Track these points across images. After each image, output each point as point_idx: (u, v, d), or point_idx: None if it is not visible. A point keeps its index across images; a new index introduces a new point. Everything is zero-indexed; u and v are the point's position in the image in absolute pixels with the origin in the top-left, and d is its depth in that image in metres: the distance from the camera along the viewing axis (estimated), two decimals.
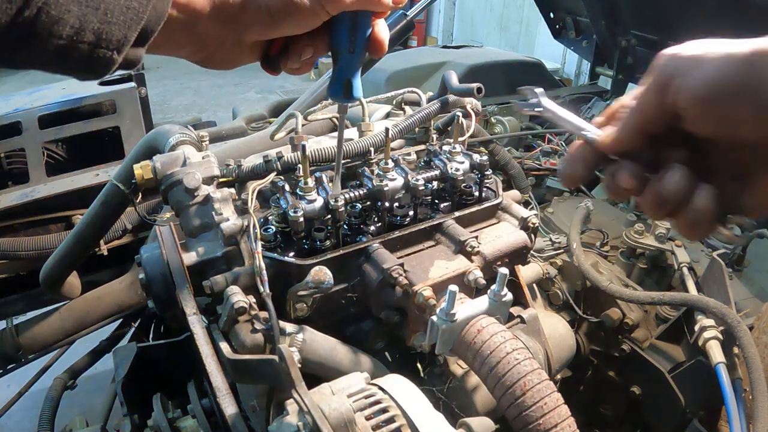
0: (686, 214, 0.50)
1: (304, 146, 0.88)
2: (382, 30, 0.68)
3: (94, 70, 0.53)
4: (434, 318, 0.85)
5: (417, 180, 0.94)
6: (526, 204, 1.67)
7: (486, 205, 1.05)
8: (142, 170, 0.93)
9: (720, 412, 1.35)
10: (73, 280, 1.54)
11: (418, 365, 1.05)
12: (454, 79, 1.25)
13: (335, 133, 1.25)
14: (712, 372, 1.20)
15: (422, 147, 1.18)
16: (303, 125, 1.28)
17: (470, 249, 0.95)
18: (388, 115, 1.36)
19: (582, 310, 1.52)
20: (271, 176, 0.96)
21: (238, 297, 0.81)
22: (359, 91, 0.72)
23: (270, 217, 0.94)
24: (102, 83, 1.79)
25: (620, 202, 2.02)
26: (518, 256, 1.05)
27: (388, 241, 0.93)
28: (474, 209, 1.03)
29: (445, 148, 1.07)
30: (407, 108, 1.36)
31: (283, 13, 0.61)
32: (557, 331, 1.29)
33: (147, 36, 0.53)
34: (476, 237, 0.97)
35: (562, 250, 1.59)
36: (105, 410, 1.56)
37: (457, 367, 1.07)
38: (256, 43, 0.67)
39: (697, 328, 1.27)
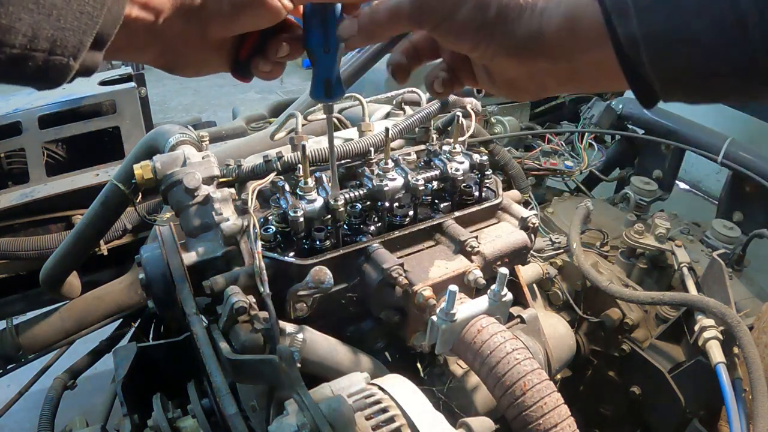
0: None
1: (304, 146, 0.88)
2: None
3: (51, 78, 0.51)
4: (434, 318, 0.85)
5: (417, 180, 0.94)
6: (526, 204, 1.67)
7: (486, 205, 1.05)
8: (142, 170, 0.93)
9: (720, 412, 1.35)
10: (73, 280, 1.54)
11: (418, 365, 1.05)
12: None
13: (336, 133, 1.25)
14: (712, 372, 1.20)
15: (422, 147, 1.18)
16: (303, 125, 1.28)
17: (470, 249, 0.95)
18: (388, 115, 1.36)
19: (582, 310, 1.52)
20: (271, 176, 0.96)
21: (238, 297, 0.81)
22: (341, 90, 0.72)
23: (270, 217, 0.94)
24: (102, 83, 1.79)
25: (620, 203, 2.03)
26: (518, 256, 1.05)
27: (388, 241, 0.93)
28: (474, 209, 1.03)
29: (445, 148, 1.07)
30: (407, 108, 1.36)
31: (245, 4, 0.59)
32: (557, 331, 1.29)
33: (103, 40, 0.52)
34: (476, 237, 0.97)
35: (562, 250, 1.59)
36: (105, 410, 1.56)
37: (457, 367, 1.07)
38: (224, 45, 0.65)
39: (697, 328, 1.27)
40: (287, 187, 0.93)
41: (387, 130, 0.98)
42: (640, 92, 0.53)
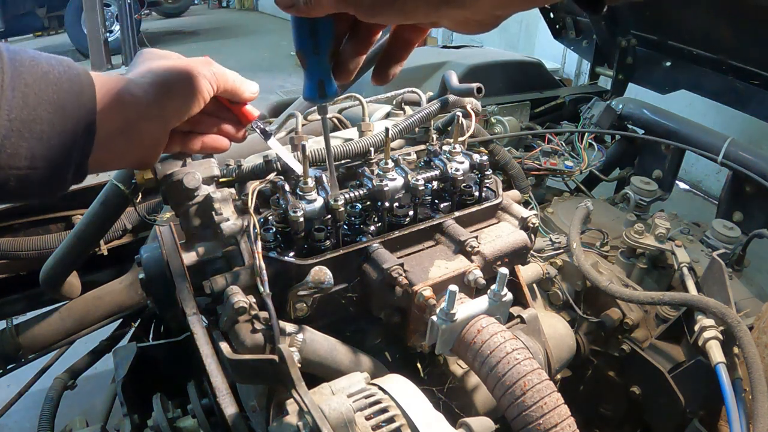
0: None
1: (304, 146, 0.88)
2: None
3: (53, 189, 0.63)
4: (434, 318, 0.85)
5: (417, 180, 0.94)
6: (526, 204, 1.67)
7: (486, 205, 1.05)
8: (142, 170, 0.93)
9: (720, 412, 1.35)
10: (73, 280, 1.54)
11: (418, 365, 1.05)
12: (454, 79, 1.25)
13: (336, 133, 1.25)
14: (712, 372, 1.20)
15: (422, 147, 1.18)
16: (303, 125, 1.28)
17: (470, 249, 0.95)
18: (388, 115, 1.36)
19: (582, 310, 1.52)
20: (271, 176, 0.96)
21: (238, 297, 0.81)
22: (334, 90, 0.72)
23: (270, 217, 0.94)
24: None
25: (620, 203, 2.03)
26: (518, 256, 1.05)
27: (388, 241, 0.93)
28: (474, 209, 1.03)
29: (445, 148, 1.07)
30: (407, 108, 1.36)
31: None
32: (557, 331, 1.29)
33: (86, 152, 0.64)
34: (476, 237, 0.97)
35: (562, 250, 1.59)
36: (105, 410, 1.56)
37: (457, 367, 1.07)
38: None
39: (697, 328, 1.27)
40: (287, 187, 0.93)
41: (387, 130, 0.98)
42: None
